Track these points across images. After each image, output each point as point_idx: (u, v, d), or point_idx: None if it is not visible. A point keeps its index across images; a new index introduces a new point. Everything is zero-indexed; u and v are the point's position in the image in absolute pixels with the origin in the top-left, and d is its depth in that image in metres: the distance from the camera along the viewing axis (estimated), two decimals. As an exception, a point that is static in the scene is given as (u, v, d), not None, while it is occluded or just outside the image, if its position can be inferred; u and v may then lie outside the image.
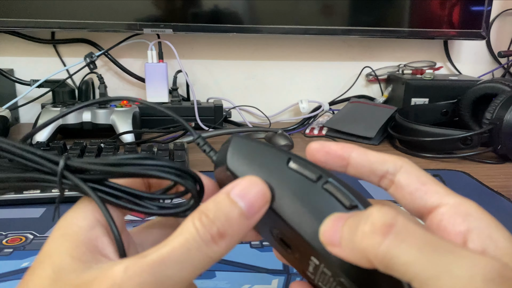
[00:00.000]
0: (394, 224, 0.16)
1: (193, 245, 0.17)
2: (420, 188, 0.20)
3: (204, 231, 0.18)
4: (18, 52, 0.81)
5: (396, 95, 0.84)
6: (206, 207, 0.19)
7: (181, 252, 0.17)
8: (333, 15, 0.77)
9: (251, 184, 0.19)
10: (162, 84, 0.77)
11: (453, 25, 0.80)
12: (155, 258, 0.17)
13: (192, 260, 0.17)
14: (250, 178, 0.19)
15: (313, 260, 0.20)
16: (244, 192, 0.19)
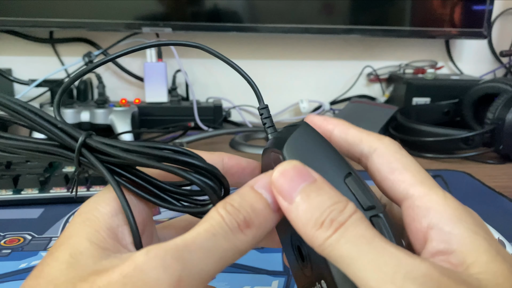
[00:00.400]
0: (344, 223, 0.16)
1: (219, 231, 0.16)
2: (388, 178, 0.19)
3: (230, 218, 0.17)
4: (16, 51, 0.81)
5: (397, 94, 0.83)
6: (230, 198, 0.18)
7: (206, 237, 0.16)
8: (333, 14, 0.77)
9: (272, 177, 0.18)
10: (161, 83, 0.76)
11: (455, 24, 0.80)
12: (179, 242, 0.16)
13: (218, 247, 0.16)
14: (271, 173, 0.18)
15: (322, 284, 0.19)
16: (268, 184, 0.18)
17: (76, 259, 0.16)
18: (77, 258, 0.16)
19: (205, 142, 0.70)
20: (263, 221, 0.18)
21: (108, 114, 0.66)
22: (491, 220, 0.37)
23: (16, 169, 0.48)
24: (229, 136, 0.72)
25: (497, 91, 0.67)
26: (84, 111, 0.66)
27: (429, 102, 0.79)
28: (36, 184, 0.45)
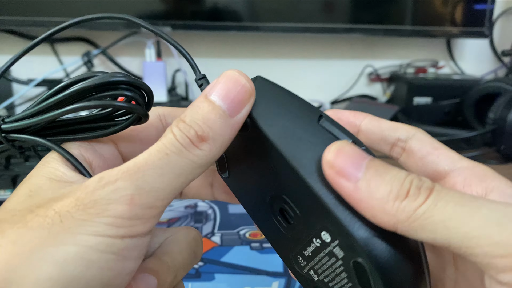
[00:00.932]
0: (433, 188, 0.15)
1: (171, 149, 0.16)
2: (432, 152, 0.20)
3: (181, 134, 0.17)
4: (15, 51, 0.80)
5: (399, 94, 0.83)
6: (183, 114, 0.18)
7: (158, 157, 0.16)
8: (334, 13, 0.77)
9: (230, 80, 0.18)
10: (160, 83, 0.76)
11: (456, 23, 0.80)
12: (131, 165, 0.16)
13: (173, 165, 0.16)
14: (228, 73, 0.18)
15: (323, 236, 0.18)
16: (222, 89, 0.18)
17: (36, 192, 0.17)
18: (36, 192, 0.17)
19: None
20: (219, 131, 0.17)
21: (107, 113, 0.66)
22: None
23: (14, 169, 0.48)
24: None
25: (498, 91, 0.67)
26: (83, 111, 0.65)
27: (430, 101, 0.79)
28: (34, 184, 0.45)
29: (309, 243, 0.19)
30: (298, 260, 0.20)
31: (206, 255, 0.37)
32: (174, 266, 0.20)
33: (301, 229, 0.19)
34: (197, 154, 0.17)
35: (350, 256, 0.17)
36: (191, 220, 0.43)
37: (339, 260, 0.18)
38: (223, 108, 0.17)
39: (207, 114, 0.17)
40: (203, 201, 0.47)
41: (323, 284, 0.19)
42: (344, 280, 0.18)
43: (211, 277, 0.34)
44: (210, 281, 0.33)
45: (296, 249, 0.20)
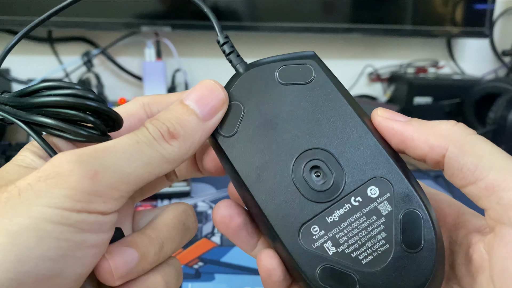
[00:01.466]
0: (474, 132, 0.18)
1: (142, 139, 0.17)
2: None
3: (154, 128, 0.18)
4: (14, 50, 0.79)
5: (399, 94, 0.83)
6: (159, 113, 0.19)
7: (128, 143, 0.17)
8: (334, 12, 0.77)
9: (205, 88, 0.20)
10: (160, 83, 0.76)
11: (456, 23, 0.80)
12: (99, 146, 0.17)
13: (142, 153, 0.17)
14: (205, 82, 0.20)
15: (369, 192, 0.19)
16: (198, 96, 0.19)
17: (2, 176, 0.17)
18: (2, 176, 0.17)
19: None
20: (190, 131, 0.19)
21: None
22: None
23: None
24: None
25: (499, 91, 0.67)
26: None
27: (430, 101, 0.79)
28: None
29: (341, 205, 0.19)
30: (310, 232, 0.19)
31: (206, 255, 0.37)
32: (158, 237, 0.20)
33: (336, 189, 0.19)
34: (166, 149, 0.18)
35: (401, 207, 0.18)
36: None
37: (381, 218, 0.18)
38: (196, 112, 0.19)
39: (180, 115, 0.19)
40: (203, 201, 0.47)
41: (343, 256, 0.18)
42: (379, 242, 0.18)
43: (211, 277, 0.34)
44: (210, 281, 0.33)
45: (315, 216, 0.19)
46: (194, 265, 0.35)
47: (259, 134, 0.20)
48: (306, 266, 0.18)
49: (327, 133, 0.20)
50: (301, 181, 0.19)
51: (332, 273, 0.18)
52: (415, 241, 0.18)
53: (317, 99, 0.20)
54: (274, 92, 0.21)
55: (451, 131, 0.18)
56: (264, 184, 0.19)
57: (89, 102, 0.19)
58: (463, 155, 0.18)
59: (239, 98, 0.21)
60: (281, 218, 0.19)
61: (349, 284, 0.18)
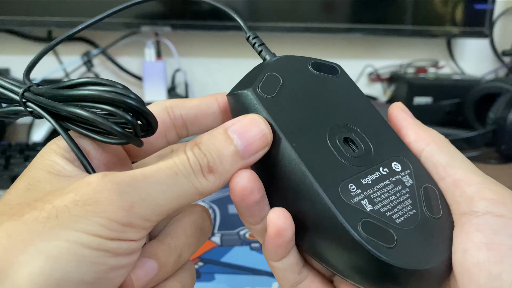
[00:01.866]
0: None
1: (181, 170, 0.17)
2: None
3: (195, 160, 0.18)
4: (14, 51, 0.80)
5: (399, 94, 0.83)
6: (200, 138, 0.19)
7: (167, 174, 0.17)
8: (334, 12, 0.77)
9: (253, 123, 0.19)
10: (160, 83, 0.76)
11: (456, 23, 0.80)
12: (138, 173, 0.16)
13: (178, 186, 0.17)
14: (253, 117, 0.19)
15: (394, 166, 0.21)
16: (244, 129, 0.19)
17: (34, 185, 0.17)
18: (34, 185, 0.17)
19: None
20: (228, 168, 0.18)
21: (107, 113, 0.66)
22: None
23: (14, 169, 0.48)
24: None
25: (499, 91, 0.67)
26: (82, 111, 0.65)
27: (430, 101, 0.79)
28: (33, 184, 0.45)
29: (372, 171, 0.21)
30: (348, 189, 0.19)
31: (206, 255, 0.37)
32: (177, 246, 0.20)
33: (367, 158, 0.21)
34: (202, 183, 0.18)
35: (420, 182, 0.21)
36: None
37: (406, 188, 0.20)
38: (238, 147, 0.18)
39: (222, 149, 0.18)
40: (203, 201, 0.47)
41: (379, 213, 0.19)
42: (407, 207, 0.20)
43: (211, 277, 0.34)
44: (210, 281, 0.33)
45: (352, 176, 0.20)
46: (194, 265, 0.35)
47: (297, 101, 0.21)
48: (349, 219, 0.18)
49: (354, 115, 0.22)
50: (336, 146, 0.21)
51: (372, 227, 0.19)
52: (436, 209, 0.20)
53: (344, 89, 0.23)
54: (307, 75, 0.23)
55: (436, 135, 0.22)
56: (302, 141, 0.20)
57: (130, 101, 0.18)
58: (439, 153, 0.21)
59: (277, 71, 0.22)
60: (321, 173, 0.19)
61: (389, 239, 0.18)
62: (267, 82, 0.22)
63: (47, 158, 0.18)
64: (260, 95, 0.21)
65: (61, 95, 0.19)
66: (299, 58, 0.24)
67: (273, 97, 0.21)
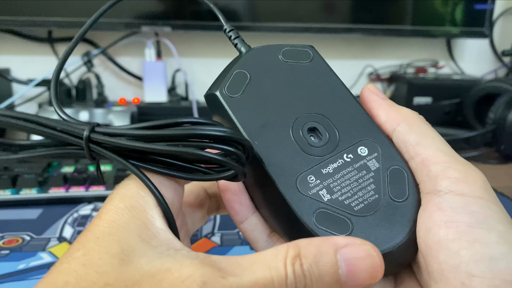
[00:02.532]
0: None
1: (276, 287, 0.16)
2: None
3: (293, 281, 0.16)
4: (15, 51, 0.80)
5: (399, 94, 0.83)
6: (306, 250, 0.16)
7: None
8: (334, 13, 0.77)
9: (366, 253, 0.17)
10: (160, 83, 0.76)
11: (456, 23, 0.80)
12: (234, 283, 0.15)
13: None
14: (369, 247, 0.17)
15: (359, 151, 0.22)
16: (355, 258, 0.16)
17: (129, 256, 0.15)
18: (129, 256, 0.15)
19: (205, 142, 0.69)
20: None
21: (107, 113, 0.66)
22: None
23: (14, 169, 0.48)
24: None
25: (498, 91, 0.67)
26: (83, 111, 0.65)
27: (430, 101, 0.79)
28: (34, 184, 0.45)
29: (335, 159, 0.21)
30: (307, 181, 0.20)
31: (206, 255, 0.37)
32: None
33: (332, 146, 0.21)
34: None
35: (387, 165, 0.21)
36: (191, 220, 0.43)
37: (370, 173, 0.21)
38: (341, 279, 0.16)
39: (325, 275, 0.16)
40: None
41: (336, 202, 0.20)
42: (368, 193, 0.20)
43: (211, 277, 0.34)
44: (210, 281, 0.33)
45: (312, 167, 0.21)
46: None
47: (263, 97, 0.22)
48: (303, 210, 0.20)
49: (323, 102, 0.23)
50: (299, 138, 0.21)
51: (327, 216, 0.20)
52: (400, 193, 0.20)
53: (315, 75, 0.24)
54: (277, 66, 0.23)
55: (408, 113, 0.22)
56: (264, 138, 0.21)
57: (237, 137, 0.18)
58: (410, 132, 0.21)
59: (245, 67, 0.23)
60: (279, 167, 0.21)
61: (344, 227, 0.19)
62: (234, 81, 0.23)
63: (143, 215, 0.17)
64: (226, 96, 0.22)
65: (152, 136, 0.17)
66: (271, 48, 0.24)
67: (239, 97, 0.22)
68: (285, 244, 0.17)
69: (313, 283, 0.16)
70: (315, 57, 0.24)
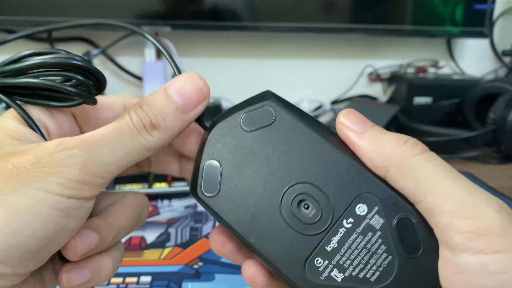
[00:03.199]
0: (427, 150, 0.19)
1: (126, 130, 0.19)
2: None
3: (137, 119, 0.19)
4: (15, 50, 0.80)
5: (399, 94, 0.83)
6: (143, 100, 0.20)
7: (113, 134, 0.19)
8: (334, 12, 0.77)
9: (189, 80, 0.21)
10: (160, 83, 0.76)
11: (456, 23, 0.80)
12: (88, 136, 0.18)
13: (124, 144, 0.19)
14: (189, 74, 0.21)
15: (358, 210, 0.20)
16: (181, 87, 0.20)
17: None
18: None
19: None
20: (171, 123, 0.20)
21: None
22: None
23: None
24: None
25: (499, 91, 0.67)
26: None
27: (430, 101, 0.79)
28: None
29: (336, 231, 0.19)
30: (315, 265, 0.19)
31: (206, 255, 0.37)
32: (117, 225, 0.22)
33: (327, 216, 0.20)
34: (148, 139, 0.20)
35: (392, 217, 0.19)
36: (191, 220, 0.43)
37: (377, 232, 0.19)
38: (178, 104, 0.20)
39: (163, 106, 0.20)
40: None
41: (351, 279, 0.19)
42: (381, 256, 0.19)
43: (211, 277, 0.34)
44: (210, 281, 0.33)
45: (315, 248, 0.20)
46: (194, 265, 0.35)
47: (241, 186, 0.21)
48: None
49: (303, 166, 0.20)
50: (292, 219, 0.20)
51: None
52: (414, 245, 0.19)
53: (284, 137, 0.21)
54: (243, 141, 0.21)
55: (394, 152, 0.19)
56: (258, 233, 0.20)
57: (77, 62, 0.19)
58: (402, 178, 0.19)
59: (214, 156, 0.21)
60: (284, 259, 0.20)
61: None
62: (207, 178, 0.21)
63: (8, 123, 0.20)
64: (207, 197, 0.21)
65: (8, 70, 0.20)
66: (230, 120, 0.22)
67: (219, 195, 0.21)
68: None
69: (157, 116, 0.20)
70: (277, 112, 0.21)
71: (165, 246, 0.38)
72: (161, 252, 0.37)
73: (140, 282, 0.33)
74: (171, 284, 0.33)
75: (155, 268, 0.35)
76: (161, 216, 0.43)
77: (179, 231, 0.41)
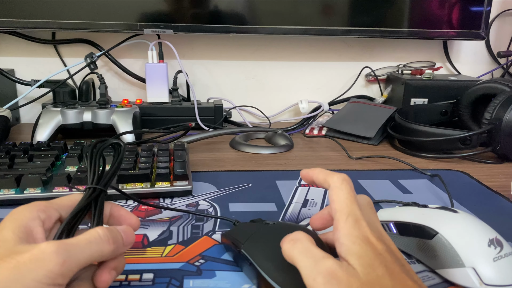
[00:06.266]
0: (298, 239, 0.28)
1: (94, 240, 0.27)
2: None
3: (104, 233, 0.28)
4: (19, 52, 0.81)
5: (396, 95, 0.84)
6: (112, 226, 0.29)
7: (85, 242, 0.26)
8: (332, 15, 0.78)
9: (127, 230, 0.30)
10: (162, 84, 0.77)
11: (453, 25, 0.80)
12: (69, 242, 0.26)
13: (91, 249, 0.26)
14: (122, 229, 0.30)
15: None
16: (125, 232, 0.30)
17: (2, 243, 0.25)
18: (2, 243, 0.25)
19: (205, 142, 0.70)
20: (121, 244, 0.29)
21: (110, 114, 0.66)
22: (488, 219, 0.38)
23: (19, 169, 0.48)
24: (229, 136, 0.72)
25: (494, 92, 0.68)
26: (86, 112, 0.66)
27: (427, 102, 0.79)
28: (38, 184, 0.45)
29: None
30: None
31: (207, 252, 0.38)
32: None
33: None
34: (106, 248, 0.27)
35: None
36: (192, 218, 0.43)
37: None
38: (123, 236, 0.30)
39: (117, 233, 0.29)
40: (204, 200, 0.48)
41: None
42: None
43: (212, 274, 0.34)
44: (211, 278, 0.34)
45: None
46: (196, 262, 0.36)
47: None
48: None
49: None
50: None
51: None
52: None
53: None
54: None
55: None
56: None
57: None
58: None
59: None
60: None
61: None
62: None
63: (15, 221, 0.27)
64: None
65: None
66: None
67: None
68: None
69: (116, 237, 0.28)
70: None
71: (167, 244, 0.38)
72: (163, 249, 0.38)
73: (142, 279, 0.33)
74: (173, 281, 0.33)
75: (157, 265, 0.35)
76: (163, 214, 0.44)
77: (181, 229, 0.41)
